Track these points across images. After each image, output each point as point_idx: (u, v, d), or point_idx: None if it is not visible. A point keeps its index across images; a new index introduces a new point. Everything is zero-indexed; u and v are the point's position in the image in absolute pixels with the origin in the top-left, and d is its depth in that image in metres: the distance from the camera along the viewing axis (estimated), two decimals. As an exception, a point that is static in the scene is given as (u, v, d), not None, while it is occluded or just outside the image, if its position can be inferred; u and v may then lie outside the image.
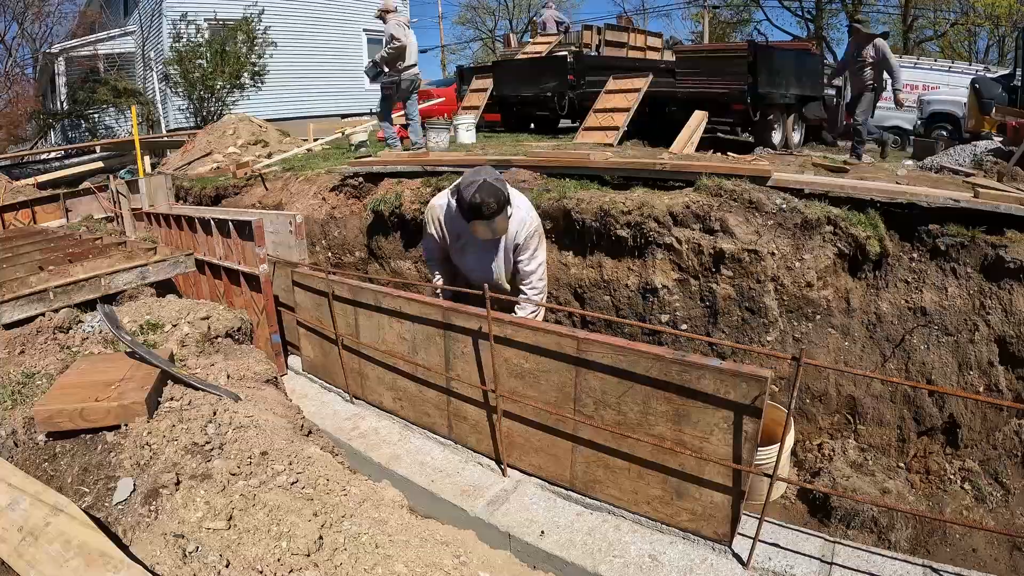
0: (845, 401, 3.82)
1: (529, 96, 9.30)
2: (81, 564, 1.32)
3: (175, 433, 1.97)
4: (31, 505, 1.47)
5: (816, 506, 3.42)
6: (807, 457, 3.78)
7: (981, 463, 3.38)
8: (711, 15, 25.19)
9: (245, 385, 2.60)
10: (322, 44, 16.58)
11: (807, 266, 3.83)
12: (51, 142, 18.06)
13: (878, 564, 2.20)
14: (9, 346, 2.65)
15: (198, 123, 13.42)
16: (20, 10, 15.79)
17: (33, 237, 4.98)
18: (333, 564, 1.60)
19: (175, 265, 3.69)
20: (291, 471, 1.94)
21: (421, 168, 5.64)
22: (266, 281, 3.91)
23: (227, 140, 10.03)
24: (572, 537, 2.41)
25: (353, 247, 5.86)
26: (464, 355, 2.92)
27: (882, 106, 12.23)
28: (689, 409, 2.24)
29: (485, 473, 2.87)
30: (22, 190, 8.18)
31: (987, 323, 3.50)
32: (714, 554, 2.28)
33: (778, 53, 8.47)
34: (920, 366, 3.66)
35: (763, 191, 4.05)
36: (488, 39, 33.79)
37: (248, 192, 6.96)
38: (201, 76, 13.36)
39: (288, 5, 15.77)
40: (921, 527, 3.21)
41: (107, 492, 1.76)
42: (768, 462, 2.73)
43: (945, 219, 3.69)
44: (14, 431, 2.00)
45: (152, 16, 14.83)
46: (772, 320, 3.86)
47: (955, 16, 22.38)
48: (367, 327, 3.39)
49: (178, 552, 1.48)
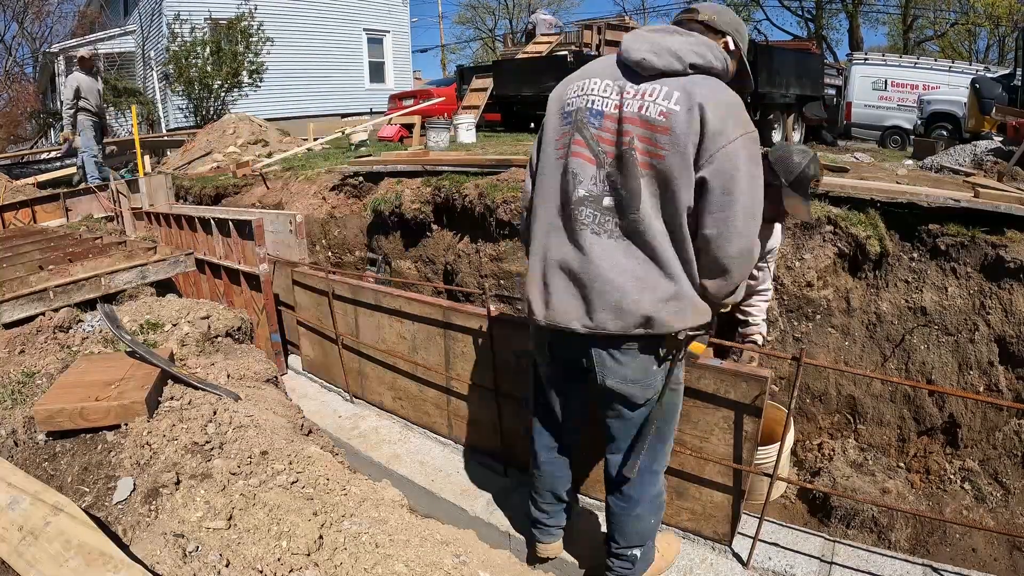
0: (845, 401, 3.82)
1: (529, 96, 9.30)
2: (81, 564, 1.32)
3: (175, 432, 1.97)
4: (31, 504, 1.47)
5: (816, 506, 3.42)
6: (807, 457, 3.78)
7: (981, 463, 3.38)
8: (711, 15, 25.13)
9: (245, 385, 2.60)
10: (322, 43, 16.57)
11: (807, 266, 3.83)
12: (51, 142, 18.05)
13: (878, 564, 2.20)
14: (9, 346, 2.65)
15: (198, 122, 13.40)
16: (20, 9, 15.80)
17: (33, 236, 4.98)
18: (333, 563, 1.60)
19: (175, 264, 3.69)
20: (291, 470, 1.93)
21: (421, 168, 5.64)
22: (266, 280, 3.91)
23: (227, 139, 10.03)
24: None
25: (353, 247, 5.86)
26: (464, 354, 2.93)
27: (882, 106, 12.30)
28: (688, 409, 2.24)
29: (485, 473, 2.87)
30: (22, 189, 8.17)
31: (987, 323, 3.50)
32: (714, 554, 2.28)
33: (778, 53, 8.47)
34: (920, 366, 3.66)
35: (763, 191, 4.04)
36: (488, 39, 33.79)
37: (248, 191, 6.96)
38: (199, 75, 13.34)
39: (289, 4, 15.77)
40: (921, 527, 3.21)
41: (107, 491, 1.76)
42: (768, 462, 2.73)
43: (945, 219, 3.69)
44: (14, 431, 2.00)
45: (152, 16, 14.82)
46: (772, 320, 3.86)
47: (955, 16, 22.38)
48: (367, 326, 3.39)
49: (178, 552, 1.48)
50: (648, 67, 1.61)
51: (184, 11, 13.61)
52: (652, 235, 1.62)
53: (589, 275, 1.67)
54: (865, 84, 12.41)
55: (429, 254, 5.39)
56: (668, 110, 1.56)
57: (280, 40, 14.43)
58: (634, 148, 1.60)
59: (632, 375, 1.73)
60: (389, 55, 18.41)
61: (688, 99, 1.55)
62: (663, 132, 1.56)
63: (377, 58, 18.20)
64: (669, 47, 1.61)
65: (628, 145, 1.60)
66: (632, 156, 1.60)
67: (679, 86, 1.58)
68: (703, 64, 1.62)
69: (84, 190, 7.40)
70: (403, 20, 18.93)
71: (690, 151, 1.54)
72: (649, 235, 1.62)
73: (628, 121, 1.61)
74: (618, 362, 1.71)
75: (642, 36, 1.67)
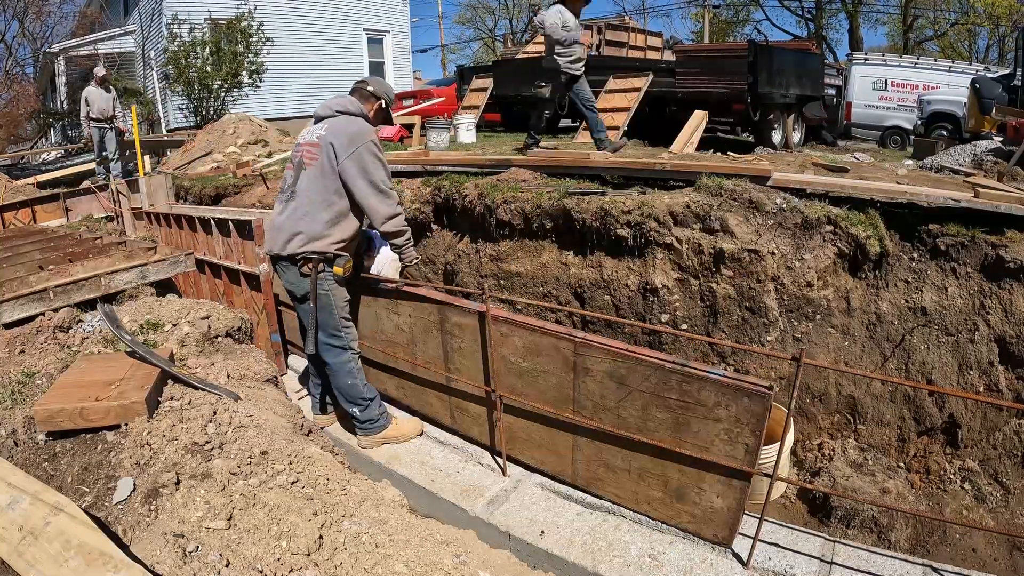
0: (845, 401, 3.82)
1: (529, 96, 9.28)
2: (81, 563, 1.32)
3: (175, 433, 1.97)
4: (31, 504, 1.47)
5: (816, 506, 3.42)
6: (807, 457, 3.78)
7: (981, 463, 3.38)
8: (711, 15, 25.18)
9: (245, 385, 2.60)
10: (322, 43, 16.55)
11: (807, 266, 3.83)
12: (51, 142, 18.05)
13: (878, 564, 2.20)
14: (9, 346, 2.65)
15: (198, 123, 13.39)
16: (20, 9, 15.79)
17: (33, 236, 4.99)
18: (333, 563, 1.60)
19: (175, 264, 3.69)
20: (291, 470, 1.94)
21: (421, 168, 5.64)
22: (266, 280, 3.91)
23: (227, 139, 10.03)
24: (572, 537, 2.41)
25: (353, 247, 5.85)
26: (461, 349, 2.93)
27: (882, 106, 12.30)
28: (689, 419, 2.24)
29: (485, 473, 2.87)
30: (22, 190, 8.18)
31: (987, 323, 3.50)
32: (714, 554, 2.28)
33: (778, 53, 8.46)
34: (920, 366, 3.66)
35: (763, 191, 4.05)
36: (488, 39, 33.79)
37: (248, 191, 6.95)
38: (199, 75, 13.33)
39: (289, 4, 15.76)
40: (921, 527, 3.21)
41: (107, 491, 1.76)
42: (768, 462, 2.74)
43: (945, 219, 3.69)
44: (14, 431, 2.00)
45: (152, 16, 14.81)
46: (772, 320, 3.86)
47: (955, 16, 22.37)
48: (366, 316, 3.40)
49: (178, 551, 1.48)
50: (318, 115, 2.88)
51: (183, 11, 13.60)
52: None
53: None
54: (865, 84, 12.40)
55: (429, 254, 5.39)
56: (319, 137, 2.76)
57: (280, 40, 14.41)
58: (304, 157, 2.78)
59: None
60: (389, 55, 18.41)
61: (331, 130, 2.74)
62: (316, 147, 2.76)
63: (377, 58, 18.19)
64: (330, 106, 2.84)
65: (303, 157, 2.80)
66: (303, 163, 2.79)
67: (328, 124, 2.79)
68: (344, 110, 2.80)
69: (84, 190, 7.40)
70: (403, 20, 18.92)
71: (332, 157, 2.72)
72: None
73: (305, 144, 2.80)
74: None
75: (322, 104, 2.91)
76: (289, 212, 2.76)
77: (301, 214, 2.72)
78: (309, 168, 2.72)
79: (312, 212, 2.71)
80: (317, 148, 2.71)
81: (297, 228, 2.71)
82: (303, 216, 2.72)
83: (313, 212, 2.71)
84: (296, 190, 2.76)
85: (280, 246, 2.76)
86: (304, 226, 2.71)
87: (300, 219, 2.72)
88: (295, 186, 2.77)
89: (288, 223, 2.74)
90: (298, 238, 2.71)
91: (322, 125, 2.78)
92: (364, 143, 2.69)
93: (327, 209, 2.71)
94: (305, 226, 2.71)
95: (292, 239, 2.72)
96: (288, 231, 2.73)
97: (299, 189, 2.75)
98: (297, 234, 2.71)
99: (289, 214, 2.76)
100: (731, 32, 26.71)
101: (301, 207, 2.73)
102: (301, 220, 2.72)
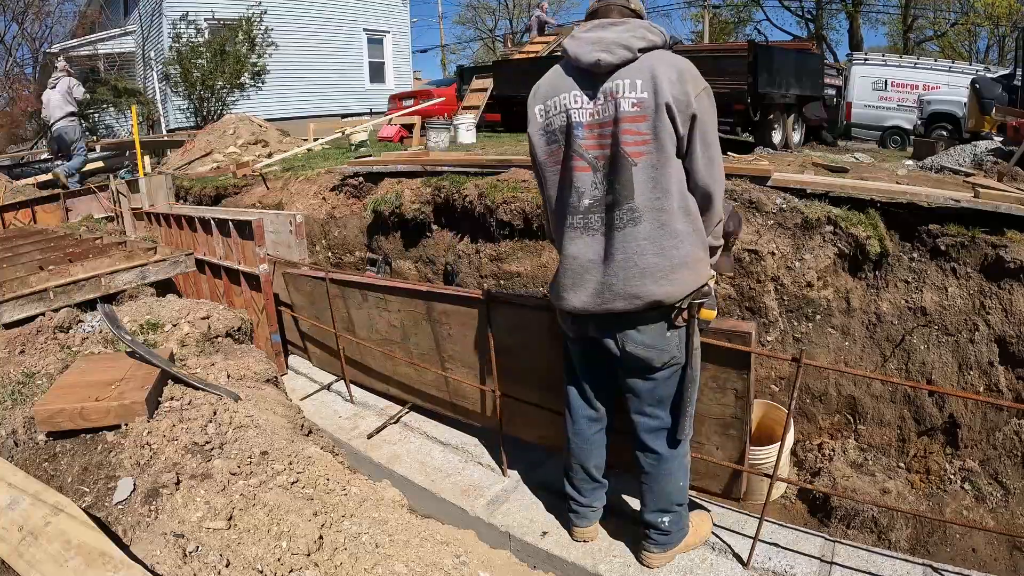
0: (845, 401, 3.82)
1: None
2: (81, 564, 1.32)
3: (175, 433, 1.97)
4: (31, 505, 1.47)
5: (816, 506, 3.42)
6: (807, 457, 3.78)
7: (981, 463, 3.38)
8: (711, 15, 25.17)
9: (245, 385, 2.60)
10: (323, 44, 16.56)
11: (807, 266, 3.83)
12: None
13: (878, 564, 2.20)
14: (9, 346, 2.65)
15: (198, 123, 13.39)
16: (20, 10, 15.77)
17: (33, 237, 4.98)
18: (333, 564, 1.60)
19: (175, 265, 3.69)
20: (291, 471, 1.94)
21: (421, 168, 5.64)
22: (266, 280, 3.91)
23: (227, 140, 10.02)
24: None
25: (353, 247, 5.85)
26: (451, 336, 2.94)
27: (882, 106, 12.29)
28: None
29: (485, 473, 2.87)
30: (22, 190, 8.17)
31: (987, 323, 3.50)
32: (714, 553, 2.28)
33: (778, 53, 8.46)
34: (920, 366, 3.66)
35: (763, 191, 4.05)
36: (488, 39, 33.79)
37: (248, 192, 6.96)
38: (201, 76, 13.33)
39: (289, 4, 15.76)
40: (921, 527, 3.21)
41: (107, 492, 1.76)
42: (768, 462, 2.74)
43: (945, 219, 3.69)
44: (14, 431, 2.00)
45: (152, 16, 14.81)
46: (772, 320, 3.86)
47: (955, 16, 22.37)
48: (360, 317, 3.41)
49: (178, 552, 1.48)
50: (605, 66, 1.76)
51: (182, 11, 13.60)
52: (654, 215, 1.80)
53: (612, 269, 1.86)
54: (865, 84, 12.40)
55: (429, 254, 5.39)
56: (638, 100, 1.72)
57: (280, 40, 14.42)
58: (621, 144, 1.76)
59: (649, 341, 1.90)
60: (389, 55, 18.41)
61: (651, 82, 1.71)
62: (642, 120, 1.73)
63: (377, 58, 18.19)
64: (616, 41, 1.74)
65: (616, 144, 1.77)
66: (622, 152, 1.77)
67: (638, 73, 1.73)
68: (648, 46, 1.76)
69: (84, 190, 7.41)
70: (403, 20, 18.92)
71: (667, 123, 1.72)
72: (648, 216, 1.80)
73: (606, 125, 1.78)
74: (639, 332, 1.90)
75: (587, 39, 1.81)
76: (623, 241, 1.81)
77: (660, 238, 1.79)
78: (634, 156, 1.75)
79: (671, 228, 1.80)
80: (643, 120, 1.72)
81: (670, 261, 1.79)
82: (661, 240, 1.79)
83: (672, 226, 1.80)
84: (615, 200, 1.80)
85: (629, 298, 1.82)
86: (676, 256, 1.80)
87: (663, 248, 1.79)
88: (611, 193, 1.80)
89: (634, 261, 1.80)
90: (677, 276, 1.80)
91: (619, 83, 1.74)
92: (703, 85, 1.77)
93: (685, 216, 1.81)
94: (676, 255, 1.80)
95: (664, 278, 1.79)
96: (643, 270, 1.80)
97: (622, 197, 1.79)
98: (669, 272, 1.79)
99: (619, 246, 1.81)
100: (731, 32, 26.70)
101: (648, 228, 1.79)
102: (667, 249, 1.79)
